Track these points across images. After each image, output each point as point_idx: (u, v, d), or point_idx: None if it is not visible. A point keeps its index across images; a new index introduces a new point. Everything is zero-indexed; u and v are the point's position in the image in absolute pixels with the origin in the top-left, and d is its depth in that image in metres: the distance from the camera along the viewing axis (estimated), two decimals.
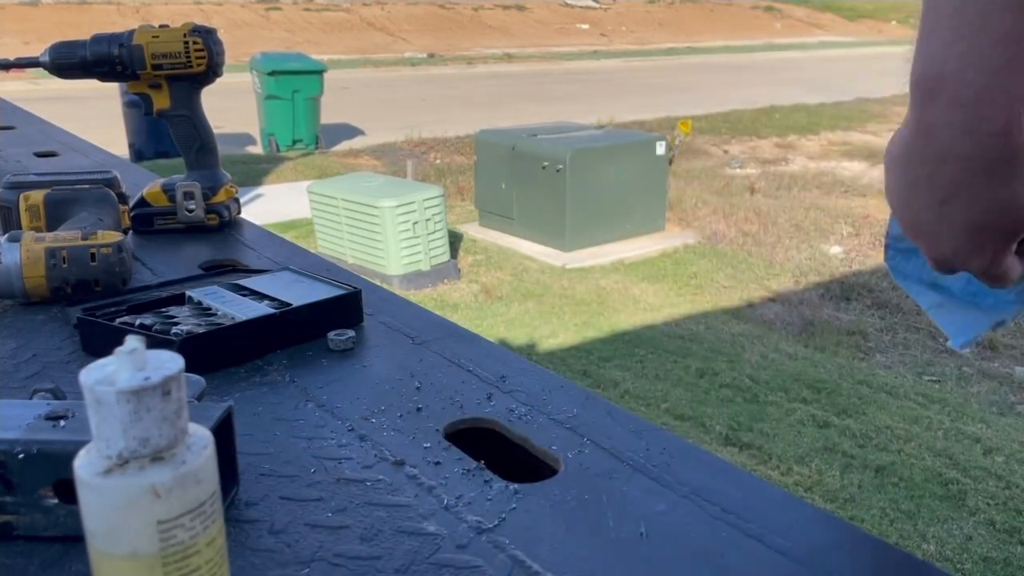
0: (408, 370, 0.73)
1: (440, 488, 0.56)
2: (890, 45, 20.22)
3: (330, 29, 20.72)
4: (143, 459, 0.34)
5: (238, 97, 9.32)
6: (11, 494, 0.49)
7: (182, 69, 1.14)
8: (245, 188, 6.43)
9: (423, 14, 22.87)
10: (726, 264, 5.22)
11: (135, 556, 0.35)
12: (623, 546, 0.50)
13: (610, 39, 22.74)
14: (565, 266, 5.08)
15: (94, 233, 0.92)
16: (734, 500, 0.54)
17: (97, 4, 19.45)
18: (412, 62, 17.45)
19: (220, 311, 0.81)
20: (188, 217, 1.18)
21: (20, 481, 0.49)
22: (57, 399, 0.57)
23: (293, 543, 0.50)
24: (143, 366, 0.34)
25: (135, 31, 1.13)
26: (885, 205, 0.56)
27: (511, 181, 5.46)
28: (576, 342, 3.98)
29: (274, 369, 0.74)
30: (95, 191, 1.07)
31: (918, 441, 3.07)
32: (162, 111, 1.17)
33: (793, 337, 4.15)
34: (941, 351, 4.04)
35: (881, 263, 5.24)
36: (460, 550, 0.49)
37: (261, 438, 0.62)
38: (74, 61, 1.12)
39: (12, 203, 1.04)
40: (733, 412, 3.26)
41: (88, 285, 0.90)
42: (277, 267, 0.96)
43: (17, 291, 0.88)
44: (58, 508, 0.50)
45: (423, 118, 10.02)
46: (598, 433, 0.63)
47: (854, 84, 13.50)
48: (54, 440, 0.49)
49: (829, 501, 2.69)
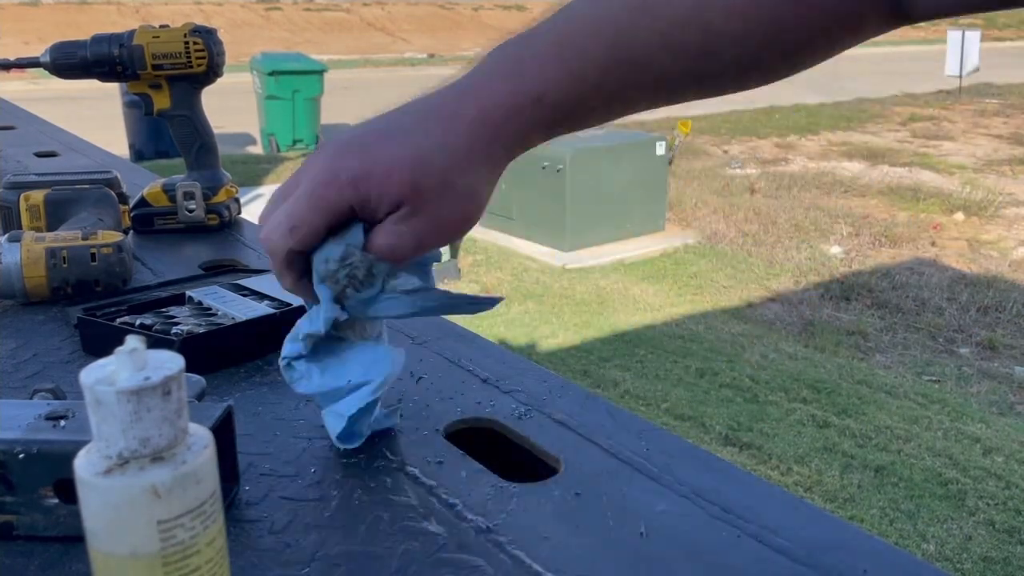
0: (408, 370, 0.73)
1: (440, 488, 0.56)
2: (890, 45, 20.21)
3: (330, 29, 20.72)
4: (143, 459, 0.35)
5: (238, 97, 9.32)
6: (11, 494, 0.50)
7: (182, 69, 1.14)
8: (245, 188, 6.43)
9: (423, 14, 22.86)
10: (726, 264, 5.22)
11: (135, 556, 0.35)
12: (623, 546, 0.50)
13: None
14: (565, 266, 5.08)
15: (94, 233, 0.92)
16: (734, 500, 0.54)
17: (97, 4, 19.44)
18: (412, 62, 17.45)
19: (220, 311, 0.81)
20: (188, 217, 1.18)
21: (20, 481, 0.49)
22: (57, 399, 0.57)
23: (293, 543, 0.50)
24: (143, 366, 0.34)
25: (135, 31, 1.13)
26: (886, 205, 0.56)
27: (511, 181, 5.46)
28: (576, 342, 3.98)
29: (274, 369, 0.74)
30: (95, 191, 1.07)
31: (918, 441, 3.07)
32: (162, 111, 1.17)
33: (793, 337, 4.15)
34: (941, 351, 4.04)
35: (881, 263, 5.24)
36: (460, 550, 0.49)
37: (261, 438, 0.62)
38: (74, 61, 1.11)
39: (12, 203, 1.04)
40: (733, 412, 3.26)
41: (88, 285, 0.90)
42: None
43: (17, 291, 0.88)
44: (58, 508, 0.50)
45: None
46: (598, 433, 0.63)
47: (854, 84, 13.50)
48: (54, 440, 0.49)
49: (829, 501, 2.69)
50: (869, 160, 8.21)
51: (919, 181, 7.25)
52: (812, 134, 9.77)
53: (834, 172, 7.67)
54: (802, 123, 10.32)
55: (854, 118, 10.84)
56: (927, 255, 5.41)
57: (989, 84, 13.74)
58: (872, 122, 10.65)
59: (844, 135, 9.77)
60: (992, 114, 11.20)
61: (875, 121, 10.71)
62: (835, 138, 9.59)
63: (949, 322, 4.33)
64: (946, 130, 10.06)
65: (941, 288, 4.80)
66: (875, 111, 11.46)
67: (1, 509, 0.50)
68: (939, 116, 11.05)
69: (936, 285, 4.85)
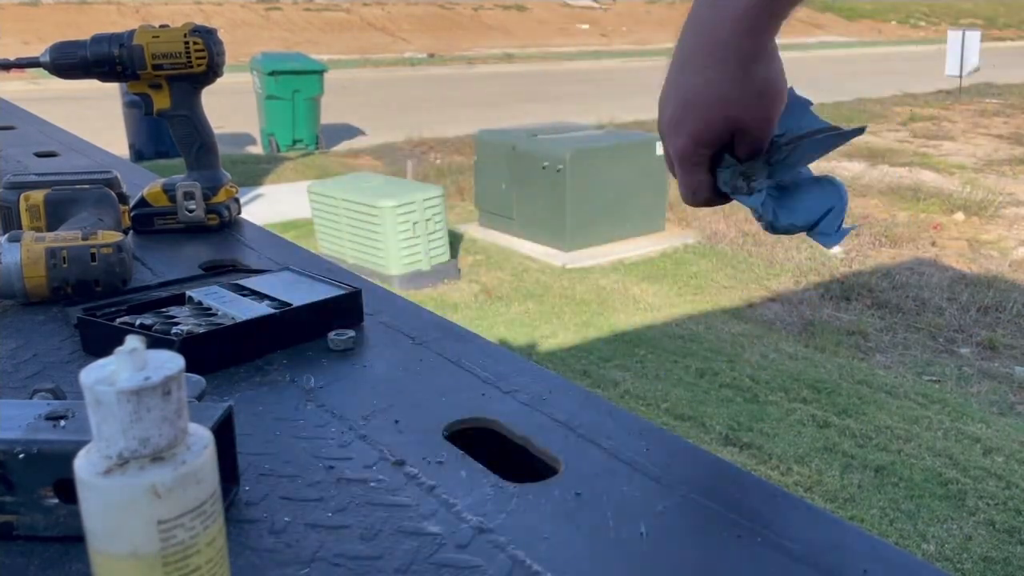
0: (408, 370, 0.73)
1: (440, 488, 0.56)
2: (890, 45, 20.21)
3: (330, 29, 20.72)
4: (143, 459, 0.35)
5: (238, 97, 9.32)
6: (11, 494, 0.50)
7: (182, 69, 1.14)
8: (245, 188, 6.43)
9: (423, 14, 22.87)
10: (726, 264, 5.22)
11: (135, 556, 0.35)
12: (623, 546, 0.50)
13: (610, 39, 22.74)
14: (565, 266, 5.08)
15: (94, 233, 0.92)
16: (734, 500, 0.54)
17: (97, 4, 19.45)
18: (412, 62, 17.45)
19: (220, 311, 0.81)
20: (188, 217, 1.18)
21: (20, 481, 0.49)
22: (57, 399, 0.57)
23: (293, 543, 0.50)
24: (143, 366, 0.34)
25: (135, 31, 1.13)
26: (886, 205, 0.57)
27: (511, 181, 5.46)
28: (576, 342, 3.98)
29: (274, 369, 0.74)
30: (95, 191, 1.07)
31: (918, 441, 3.07)
32: (162, 111, 1.17)
33: (793, 337, 4.15)
34: (941, 351, 4.04)
35: (881, 263, 5.24)
36: (460, 550, 0.49)
37: (261, 438, 0.62)
38: (74, 61, 1.12)
39: (12, 203, 1.04)
40: (733, 412, 3.26)
41: (88, 285, 0.90)
42: (277, 267, 0.96)
43: (17, 291, 0.88)
44: (58, 508, 0.50)
45: (423, 118, 10.02)
46: (598, 433, 0.63)
47: (854, 84, 13.50)
48: (54, 440, 0.49)
49: (829, 501, 2.69)
50: (869, 160, 8.21)
51: (919, 181, 7.25)
52: None
53: (834, 172, 7.66)
54: None
55: (854, 118, 10.84)
56: (927, 255, 5.41)
57: (989, 84, 13.75)
58: (872, 122, 10.65)
59: None
60: (992, 114, 11.20)
61: (875, 121, 10.71)
62: None
63: (949, 322, 4.33)
64: (946, 130, 10.07)
65: (941, 288, 4.80)
66: (875, 111, 11.47)
67: (1, 509, 0.50)
68: (939, 116, 11.06)
69: (936, 285, 4.85)
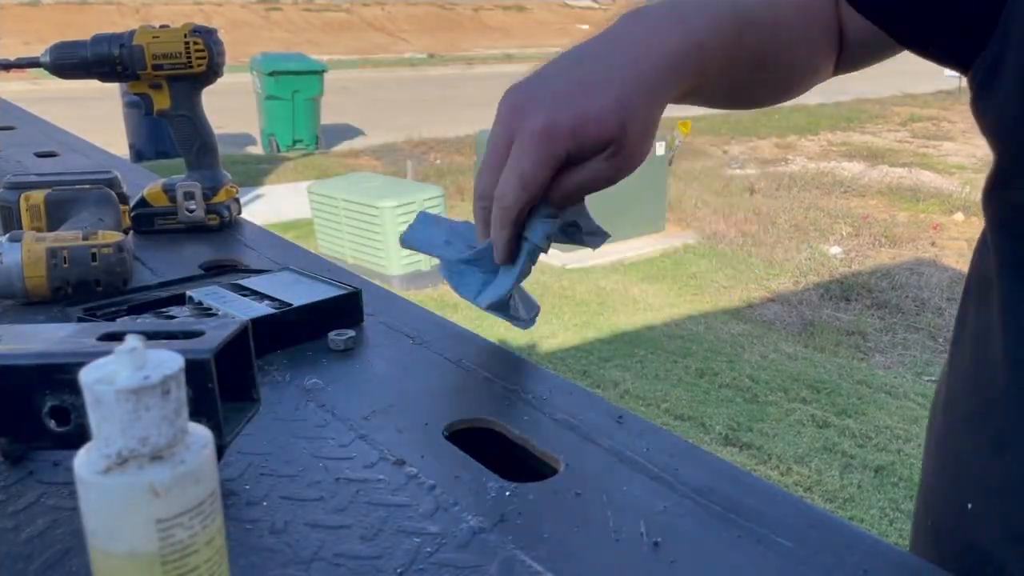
0: (408, 370, 0.73)
1: (440, 488, 0.56)
2: None
3: (330, 29, 20.72)
4: (142, 458, 0.34)
5: (238, 97, 9.32)
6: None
7: (182, 69, 1.14)
8: (245, 188, 6.43)
9: (423, 14, 22.87)
10: (726, 264, 5.22)
11: (134, 555, 0.35)
12: (623, 546, 0.50)
13: None
14: (565, 266, 5.08)
15: (95, 233, 0.92)
16: (734, 500, 0.54)
17: (97, 4, 19.45)
18: (412, 62, 17.46)
19: (220, 311, 0.81)
20: (188, 217, 1.18)
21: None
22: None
23: (293, 543, 0.50)
24: (142, 365, 0.34)
25: (135, 31, 1.13)
26: (886, 205, 0.58)
27: None
28: (576, 342, 3.98)
29: (274, 369, 0.74)
30: (96, 191, 1.07)
31: (918, 441, 3.07)
32: (162, 111, 1.17)
33: (793, 337, 4.15)
34: (941, 351, 4.04)
35: (881, 263, 5.24)
36: (460, 550, 0.49)
37: (261, 438, 0.62)
38: (74, 61, 1.11)
39: (13, 203, 1.04)
40: (733, 412, 3.26)
41: (89, 285, 0.90)
42: (277, 267, 0.96)
43: (18, 291, 0.88)
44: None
45: (423, 118, 10.02)
46: (598, 433, 0.63)
47: (854, 84, 13.50)
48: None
49: (829, 501, 2.69)
50: (869, 160, 8.21)
51: (919, 181, 7.25)
52: (812, 134, 9.78)
53: (834, 172, 7.67)
54: (802, 123, 10.32)
55: (854, 118, 10.85)
56: (927, 255, 5.41)
57: None
58: (872, 122, 10.66)
59: (844, 135, 9.77)
60: None
61: (875, 121, 10.72)
62: (835, 138, 9.60)
63: (949, 322, 4.32)
64: (946, 130, 10.06)
65: (941, 288, 4.80)
66: (875, 111, 11.47)
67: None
68: (939, 116, 11.06)
69: (936, 285, 4.85)
